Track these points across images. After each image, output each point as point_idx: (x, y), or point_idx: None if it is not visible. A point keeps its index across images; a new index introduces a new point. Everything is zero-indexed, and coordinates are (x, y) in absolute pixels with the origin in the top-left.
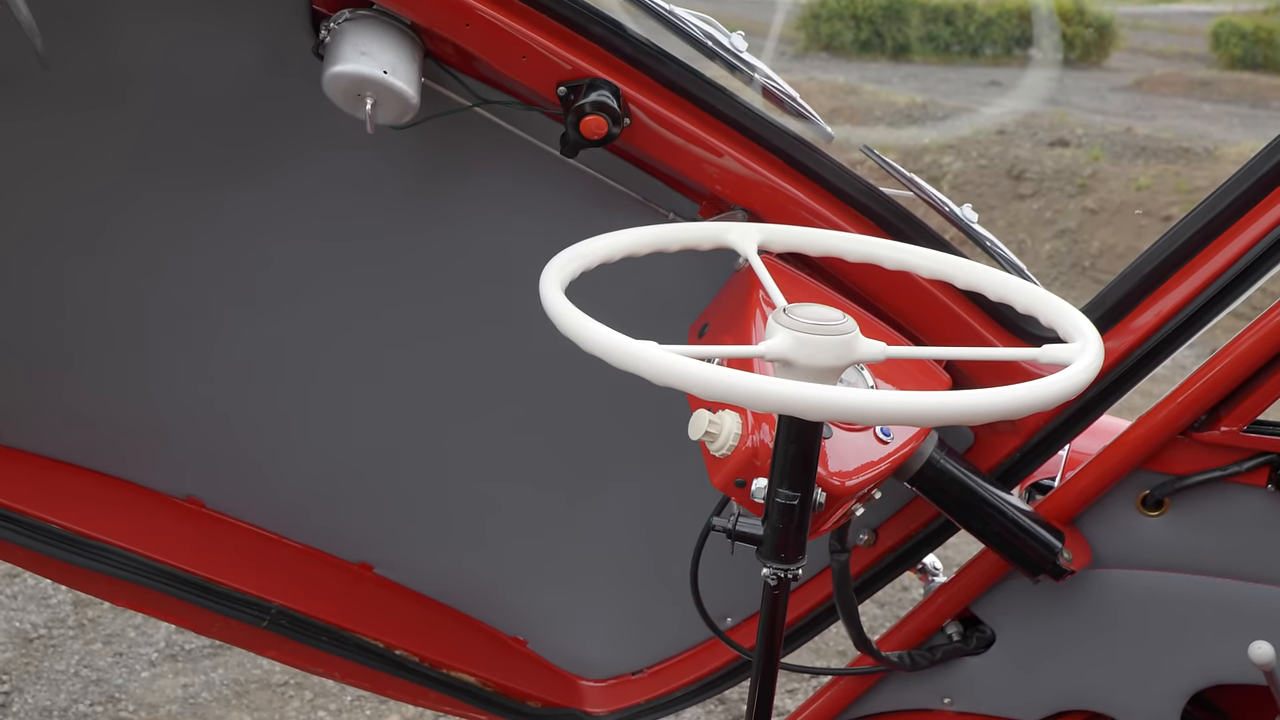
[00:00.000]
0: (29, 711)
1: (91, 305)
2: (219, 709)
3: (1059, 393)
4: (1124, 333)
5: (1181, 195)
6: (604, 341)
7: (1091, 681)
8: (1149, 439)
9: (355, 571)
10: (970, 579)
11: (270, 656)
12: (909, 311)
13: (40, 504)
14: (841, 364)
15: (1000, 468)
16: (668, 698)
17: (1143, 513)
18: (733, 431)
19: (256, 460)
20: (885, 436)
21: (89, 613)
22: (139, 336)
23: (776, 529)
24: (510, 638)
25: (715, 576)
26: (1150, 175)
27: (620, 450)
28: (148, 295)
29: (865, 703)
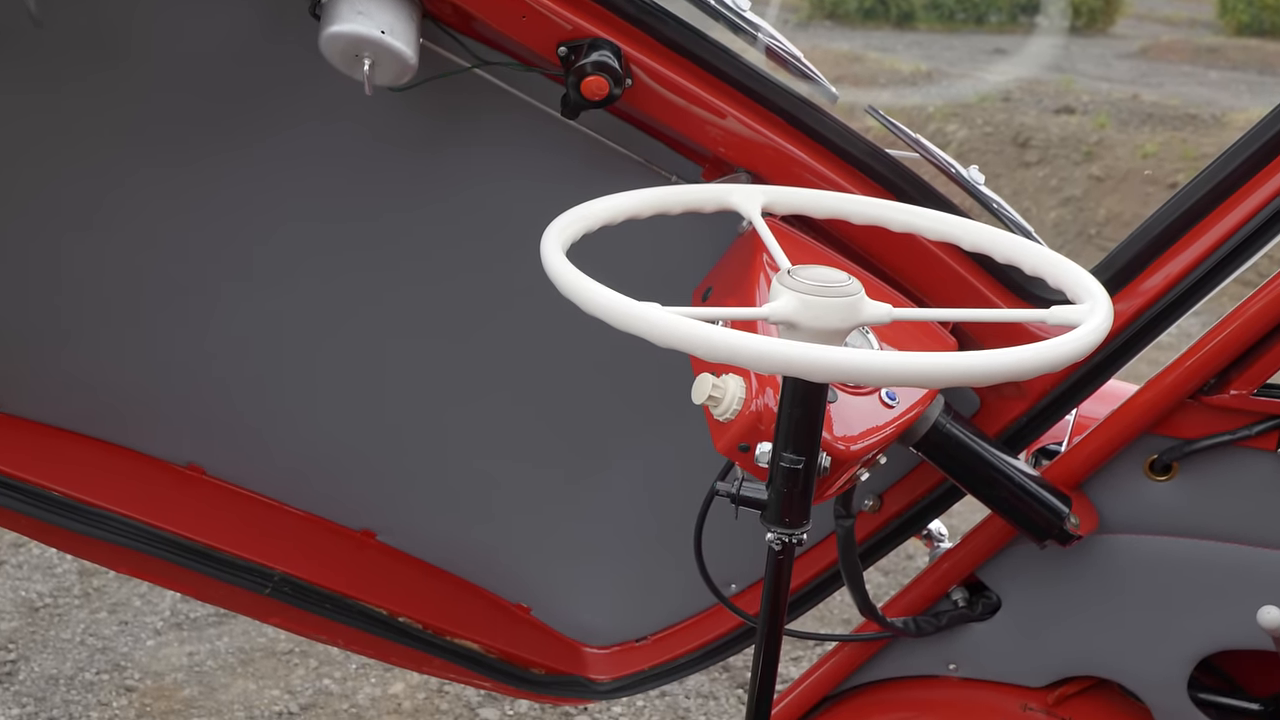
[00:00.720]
0: (35, 680)
1: (90, 277)
2: (224, 677)
3: (1068, 353)
4: (1132, 295)
5: (1188, 162)
6: (606, 303)
7: (1098, 647)
8: (1157, 403)
9: (358, 539)
10: (976, 545)
11: (273, 624)
12: (914, 274)
13: (41, 471)
14: (847, 326)
15: (1006, 432)
16: (672, 664)
17: (1151, 477)
18: (736, 396)
19: (257, 427)
20: (890, 401)
21: (94, 582)
22: (139, 307)
23: (781, 493)
24: (514, 605)
25: (719, 543)
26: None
27: (624, 417)
28: (147, 268)
29: (870, 669)
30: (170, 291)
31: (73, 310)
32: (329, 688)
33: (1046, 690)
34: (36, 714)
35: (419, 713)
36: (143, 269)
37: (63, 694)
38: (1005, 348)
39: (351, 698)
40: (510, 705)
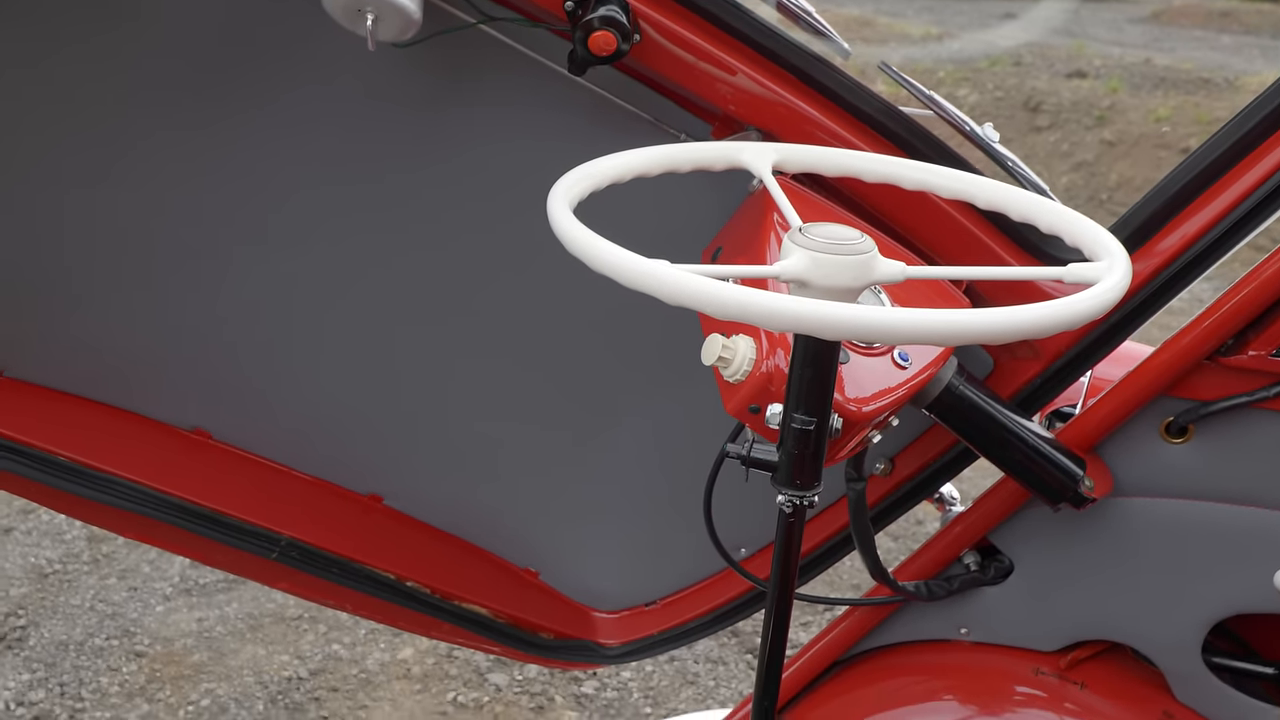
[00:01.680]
0: (45, 645)
1: (93, 241)
2: (233, 642)
3: (1086, 310)
4: (1149, 255)
5: (1201, 127)
6: (613, 260)
7: (1111, 611)
8: (1174, 364)
9: (365, 503)
10: (988, 508)
11: (281, 588)
12: (928, 234)
13: (47, 435)
14: (860, 285)
15: (1020, 394)
16: (681, 629)
17: (1166, 440)
18: (747, 356)
19: (264, 392)
20: (903, 361)
21: (103, 548)
22: (145, 271)
23: (792, 455)
24: (522, 569)
25: (729, 507)
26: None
27: (632, 380)
28: (152, 232)
29: (881, 633)
30: (176, 255)
31: (78, 274)
32: (338, 653)
33: (1059, 654)
34: (47, 679)
35: (428, 678)
36: (148, 233)
37: (72, 659)
38: (1022, 305)
39: (361, 663)
40: (519, 670)
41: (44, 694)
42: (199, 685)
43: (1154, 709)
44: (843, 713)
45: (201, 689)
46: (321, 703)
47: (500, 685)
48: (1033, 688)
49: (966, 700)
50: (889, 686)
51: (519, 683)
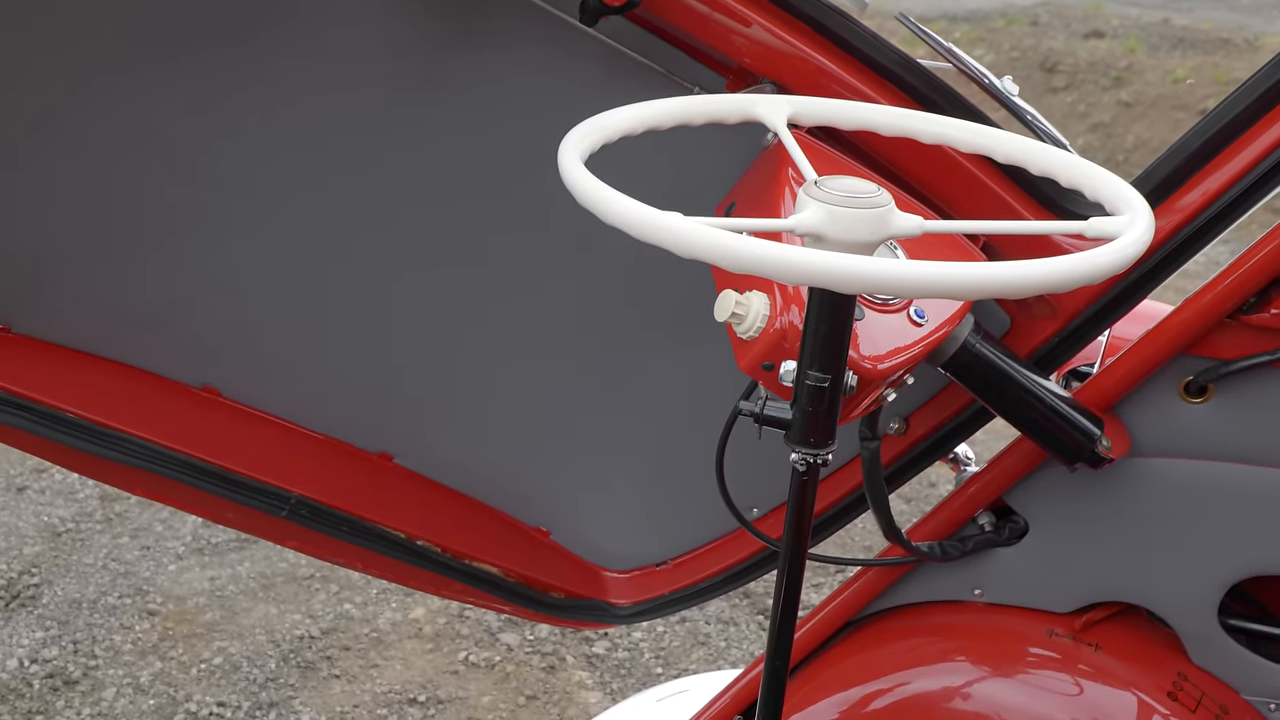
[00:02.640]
0: (58, 603)
1: (101, 198)
2: (245, 601)
3: (1108, 264)
4: (1170, 212)
5: (1220, 88)
6: (625, 212)
7: (1127, 572)
8: (1194, 322)
9: (375, 462)
10: (1003, 468)
11: (291, 547)
12: (945, 189)
13: (54, 392)
14: (876, 239)
15: (1038, 353)
16: (692, 589)
17: (1185, 399)
18: (760, 312)
19: (273, 349)
20: (919, 319)
21: (116, 507)
22: (153, 227)
23: (806, 412)
24: (533, 529)
25: (742, 467)
26: (1188, 67)
27: (644, 337)
28: (160, 188)
29: (894, 594)
30: (185, 211)
31: (84, 232)
32: (350, 612)
33: (1073, 616)
34: (60, 637)
35: (440, 637)
36: (156, 189)
37: (85, 617)
38: (1043, 258)
39: (372, 622)
40: (531, 630)
41: (57, 651)
42: (211, 643)
43: (1168, 671)
44: (855, 673)
45: (214, 647)
46: (333, 661)
47: (512, 645)
48: (1046, 649)
49: (979, 661)
50: (901, 647)
51: (530, 643)
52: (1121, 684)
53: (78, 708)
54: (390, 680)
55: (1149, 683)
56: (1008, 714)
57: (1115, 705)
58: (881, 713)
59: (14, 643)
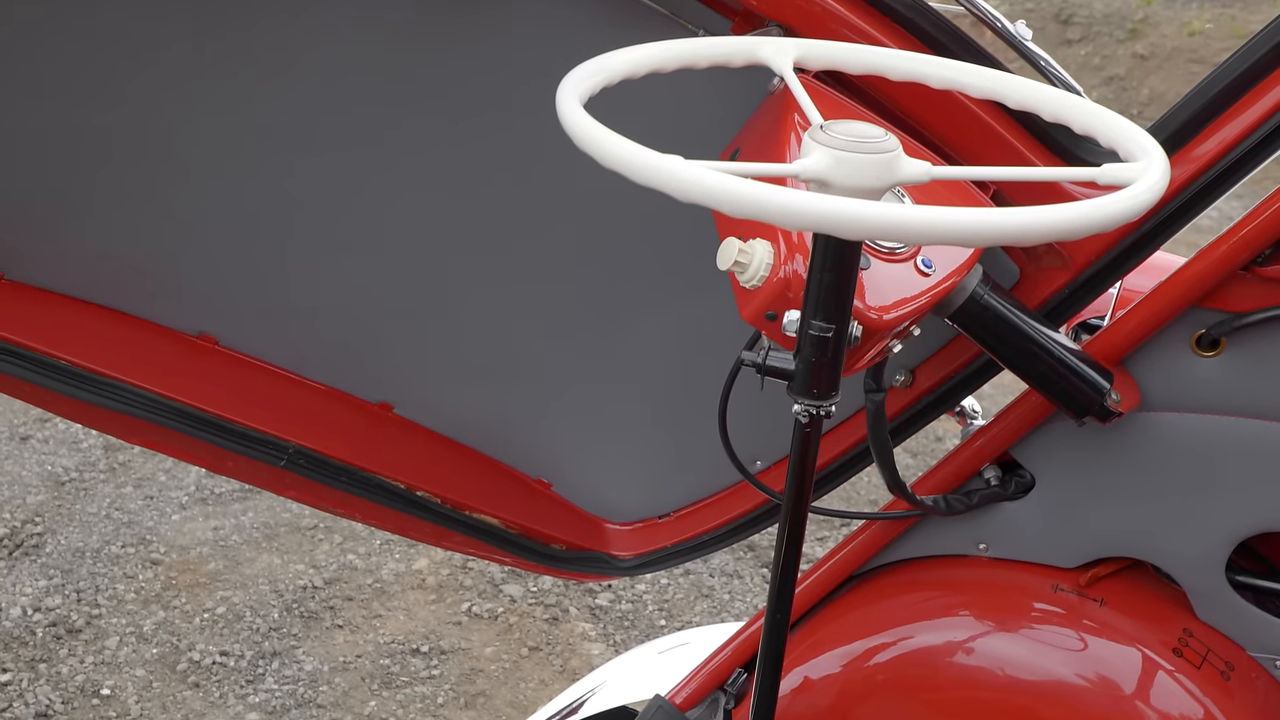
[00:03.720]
0: (61, 552)
1: (98, 142)
2: (249, 551)
3: (1122, 211)
4: (1185, 161)
5: (1237, 40)
6: (625, 155)
7: (1134, 528)
8: (1207, 274)
9: (375, 412)
10: (1010, 422)
11: (290, 497)
12: (955, 136)
13: (48, 339)
14: (883, 185)
15: (1047, 305)
16: (694, 541)
17: (1197, 353)
18: (764, 261)
19: (271, 297)
20: (927, 268)
21: (119, 457)
22: (149, 172)
23: (809, 363)
24: (534, 480)
25: (745, 419)
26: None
27: (646, 286)
28: (158, 132)
29: (897, 548)
30: (183, 156)
31: (79, 177)
32: (353, 563)
33: (1079, 571)
34: (63, 586)
35: (443, 588)
36: (154, 133)
37: (89, 566)
38: (1054, 204)
39: (376, 573)
40: (534, 581)
41: (61, 600)
42: (214, 593)
43: (1174, 627)
44: (857, 627)
45: (217, 597)
46: (336, 611)
47: (515, 596)
48: (1051, 604)
49: (983, 616)
50: (905, 601)
51: (534, 594)
52: (1126, 640)
53: (81, 656)
54: (393, 631)
55: (1154, 639)
56: (1012, 669)
57: (1120, 661)
58: (884, 667)
59: (17, 591)
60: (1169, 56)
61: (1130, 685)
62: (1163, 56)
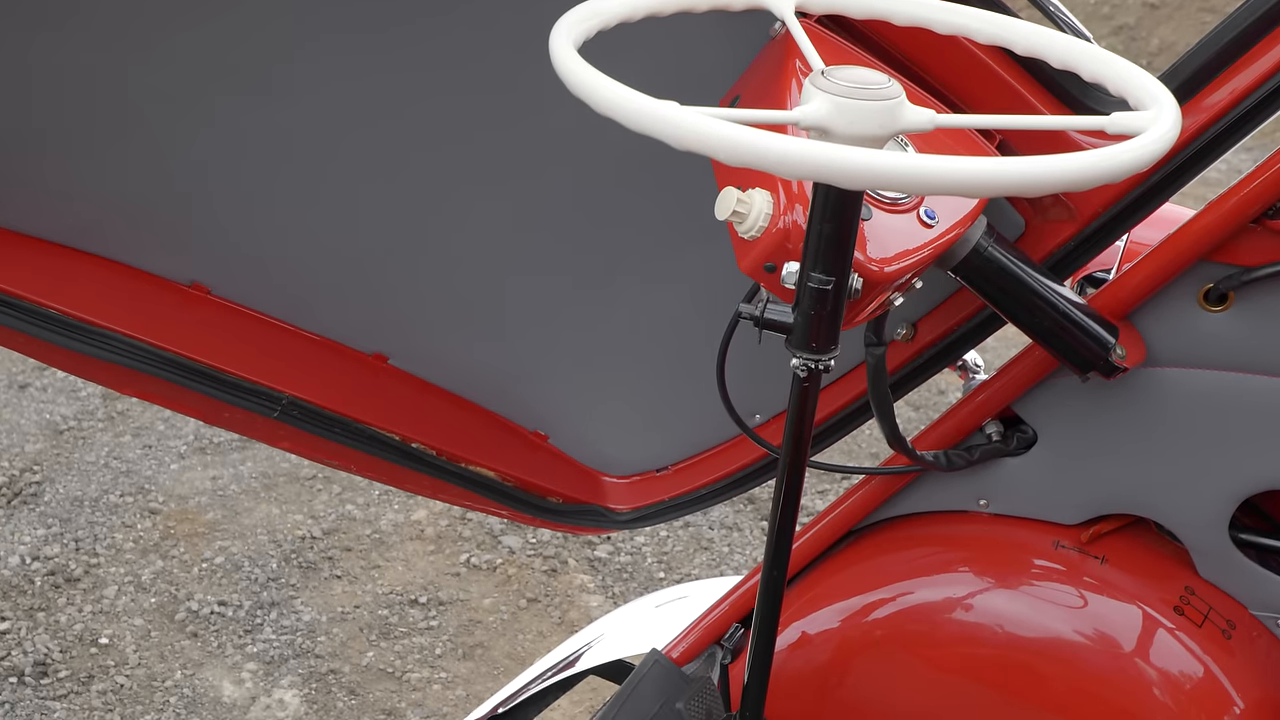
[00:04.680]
0: (60, 501)
1: (87, 82)
2: (247, 501)
3: (1132, 160)
4: (1196, 110)
5: None
6: (618, 100)
7: (1138, 484)
8: (1216, 227)
9: (369, 362)
10: (1013, 376)
11: (283, 448)
12: (960, 84)
13: (36, 287)
14: (885, 133)
15: (1053, 257)
16: (692, 495)
17: (1205, 308)
18: (763, 211)
19: (264, 246)
20: (930, 219)
21: (118, 405)
22: (140, 114)
23: (808, 316)
24: (530, 432)
25: (744, 371)
26: None
27: (645, 235)
28: (149, 72)
29: (897, 503)
30: (175, 99)
31: (68, 116)
32: (352, 513)
33: (1080, 528)
34: (62, 534)
35: (441, 539)
36: (145, 73)
37: (87, 515)
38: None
39: (374, 523)
40: (533, 533)
41: (59, 549)
42: (213, 543)
43: (1176, 585)
44: (855, 582)
45: (215, 546)
46: (335, 562)
47: (514, 548)
48: (1052, 561)
49: (982, 572)
50: (904, 557)
51: (532, 545)
52: (1127, 597)
53: (79, 605)
54: (391, 581)
55: (1155, 596)
56: (1011, 626)
57: (1120, 618)
58: (882, 622)
59: (16, 540)
60: (1180, 5)
61: (1130, 643)
62: (1173, 5)
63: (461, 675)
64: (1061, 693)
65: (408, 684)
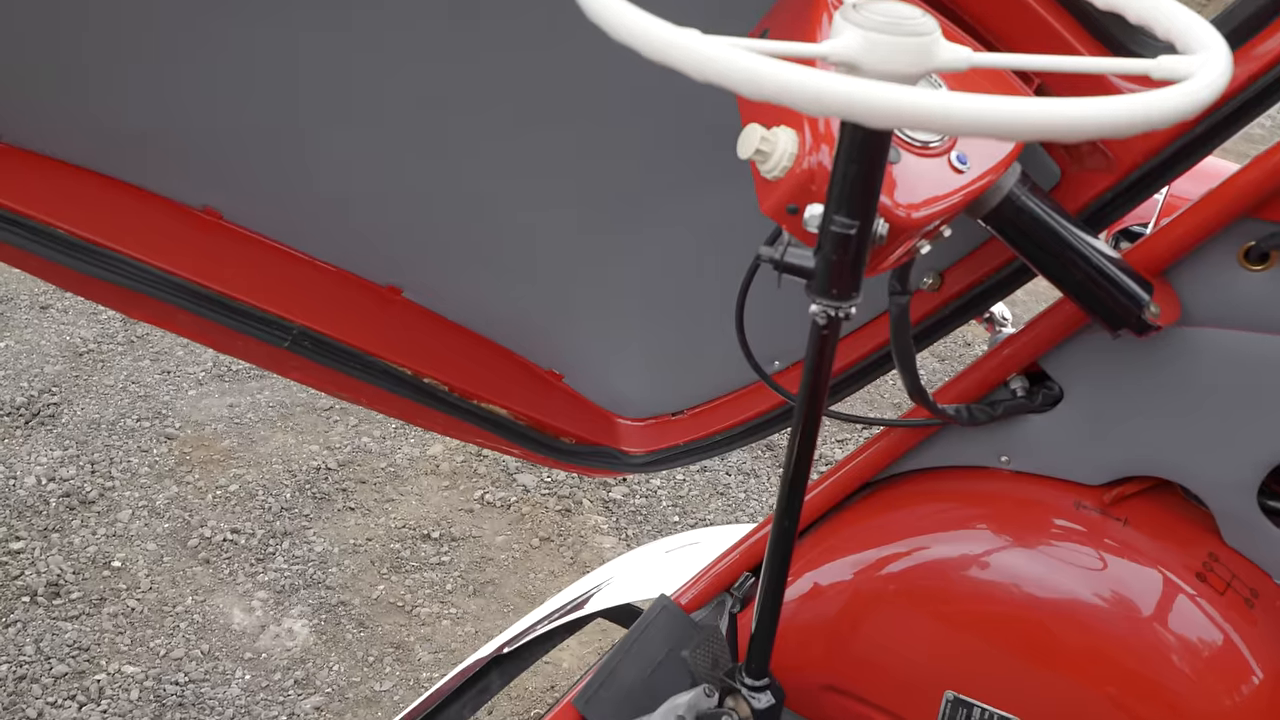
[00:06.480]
0: (77, 423)
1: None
2: (264, 430)
3: (1179, 107)
4: (1247, 59)
5: None
6: (636, 27)
7: (1165, 446)
8: (1262, 182)
9: (383, 294)
10: (1041, 331)
11: (294, 379)
12: (999, 23)
13: (46, 207)
14: (917, 71)
15: (1088, 209)
16: (707, 441)
17: (1245, 266)
18: (787, 151)
19: (279, 171)
20: (961, 165)
21: (138, 330)
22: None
23: (829, 261)
24: (545, 372)
25: (765, 316)
26: None
27: (666, 174)
28: None
29: (916, 456)
30: (192, 19)
31: (83, 33)
32: (367, 446)
33: (1103, 489)
34: (78, 456)
35: (456, 475)
36: None
37: (104, 438)
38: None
39: (390, 456)
40: (549, 472)
41: (75, 471)
42: (228, 470)
43: (1199, 550)
44: (871, 535)
45: (230, 474)
46: (349, 494)
47: (529, 486)
48: (1072, 521)
49: (1000, 530)
50: (921, 511)
51: (547, 485)
52: (1148, 561)
53: (93, 527)
54: (405, 515)
55: (1177, 562)
56: (1027, 585)
57: (1140, 582)
58: (897, 576)
59: (32, 460)
60: None
61: (1149, 608)
62: None
63: (471, 611)
64: (1076, 655)
65: (417, 618)
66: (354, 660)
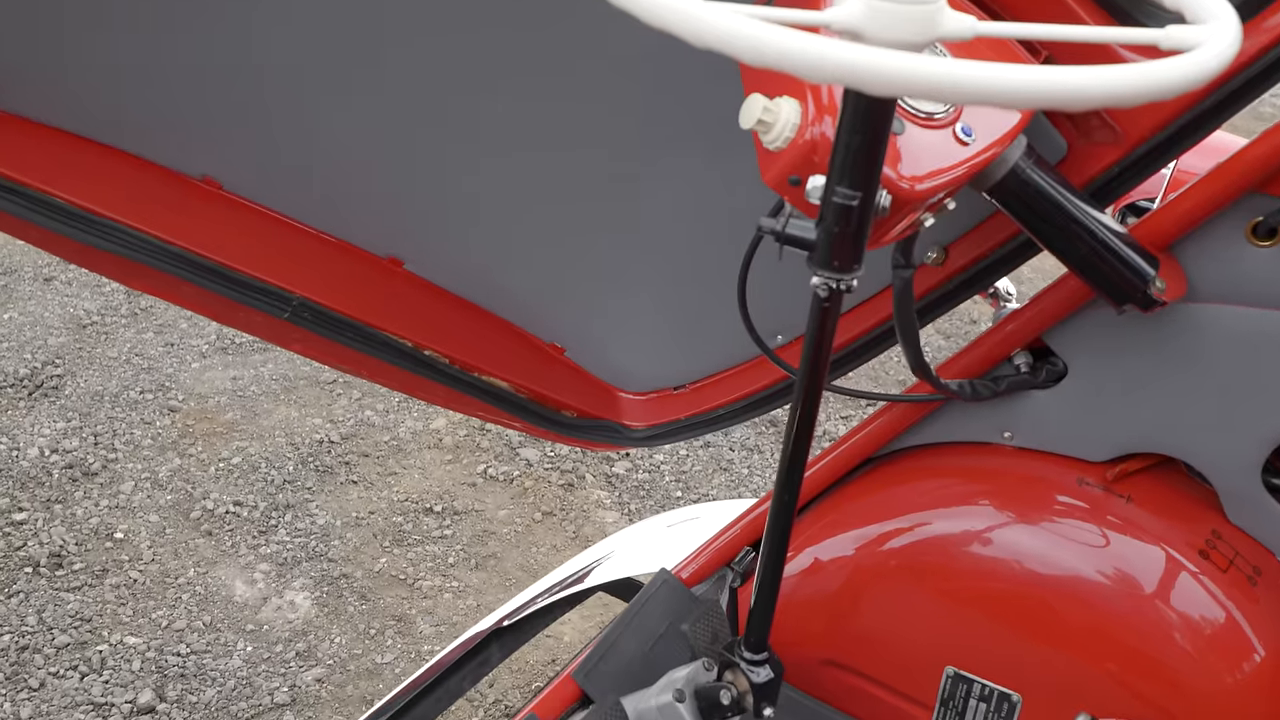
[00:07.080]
0: (80, 394)
1: None
2: (267, 403)
3: (1186, 77)
4: (1257, 31)
5: None
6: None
7: (1170, 423)
8: (1270, 158)
9: (384, 266)
10: (1046, 306)
11: (295, 351)
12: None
13: (42, 175)
14: (922, 40)
15: (1095, 183)
16: (709, 415)
17: (1252, 242)
18: (790, 121)
19: (278, 140)
20: (966, 137)
21: (142, 302)
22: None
23: (831, 233)
24: (547, 345)
25: (768, 290)
26: None
27: (667, 147)
28: None
29: (919, 432)
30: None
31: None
32: (370, 419)
33: (1106, 465)
34: (81, 428)
35: (459, 449)
36: None
37: (107, 410)
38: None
39: (393, 430)
40: (551, 446)
41: (78, 442)
42: (231, 443)
43: (1202, 528)
44: (873, 511)
45: (233, 446)
46: (351, 467)
47: (531, 460)
48: (1075, 498)
49: (1002, 506)
50: (923, 487)
51: (550, 459)
52: (1151, 538)
53: (96, 499)
54: (407, 489)
55: (1180, 539)
56: (1029, 562)
57: (1142, 559)
58: (898, 552)
59: (35, 432)
60: None
61: (1151, 584)
62: None
63: (473, 585)
64: (1077, 632)
65: (419, 591)
66: (355, 632)
